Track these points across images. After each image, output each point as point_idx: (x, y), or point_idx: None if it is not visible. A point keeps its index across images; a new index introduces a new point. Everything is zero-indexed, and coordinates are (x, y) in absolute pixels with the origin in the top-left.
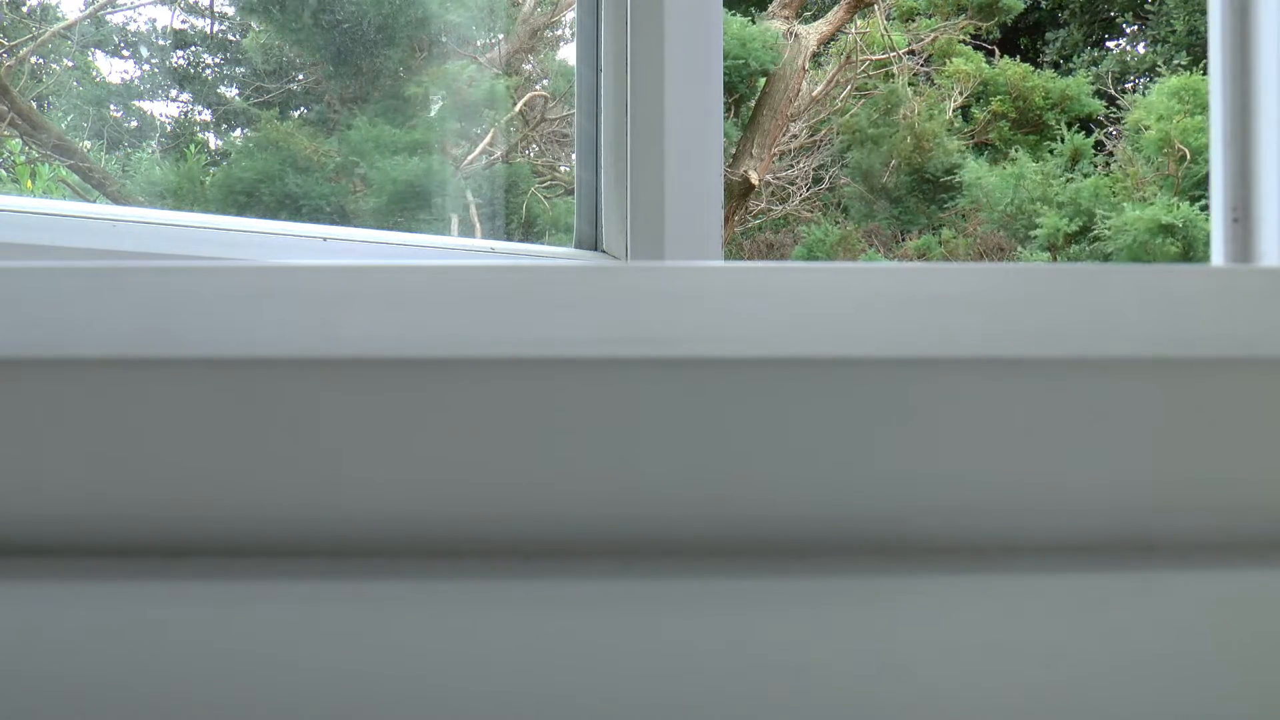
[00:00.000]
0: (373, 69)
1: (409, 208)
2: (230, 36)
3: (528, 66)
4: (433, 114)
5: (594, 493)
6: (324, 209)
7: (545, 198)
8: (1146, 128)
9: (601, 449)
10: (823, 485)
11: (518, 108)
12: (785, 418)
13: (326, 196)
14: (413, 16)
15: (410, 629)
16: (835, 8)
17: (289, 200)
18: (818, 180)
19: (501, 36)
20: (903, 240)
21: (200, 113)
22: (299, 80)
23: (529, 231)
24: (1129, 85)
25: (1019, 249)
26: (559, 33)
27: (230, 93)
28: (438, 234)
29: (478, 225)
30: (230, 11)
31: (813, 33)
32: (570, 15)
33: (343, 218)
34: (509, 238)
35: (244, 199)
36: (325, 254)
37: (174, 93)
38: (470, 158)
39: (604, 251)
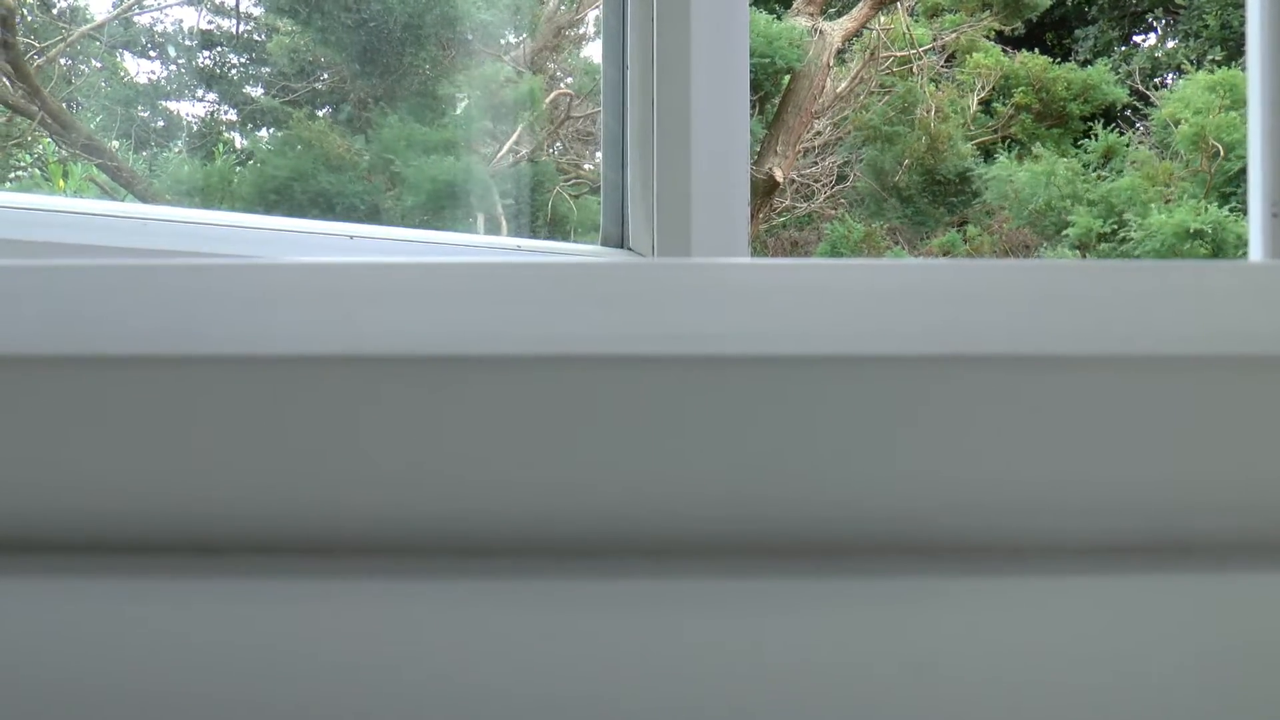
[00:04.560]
0: (400, 68)
1: (442, 207)
2: (256, 37)
3: (551, 65)
4: (462, 113)
5: (626, 491)
6: (357, 207)
7: (570, 195)
8: (1179, 122)
9: (633, 447)
10: (853, 484)
11: (544, 106)
12: (820, 415)
13: (359, 195)
14: (440, 16)
15: (438, 627)
16: (860, 4)
17: (321, 198)
18: (842, 178)
19: (526, 35)
20: (926, 239)
21: (226, 112)
22: (325, 80)
23: (554, 230)
24: (1158, 82)
25: (1046, 247)
26: (583, 31)
27: (256, 92)
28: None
29: (503, 223)
30: (257, 12)
31: (837, 29)
32: (594, 13)
33: (375, 216)
34: (534, 236)
35: (275, 197)
36: (353, 251)
37: (200, 92)
38: (498, 156)
39: (631, 249)
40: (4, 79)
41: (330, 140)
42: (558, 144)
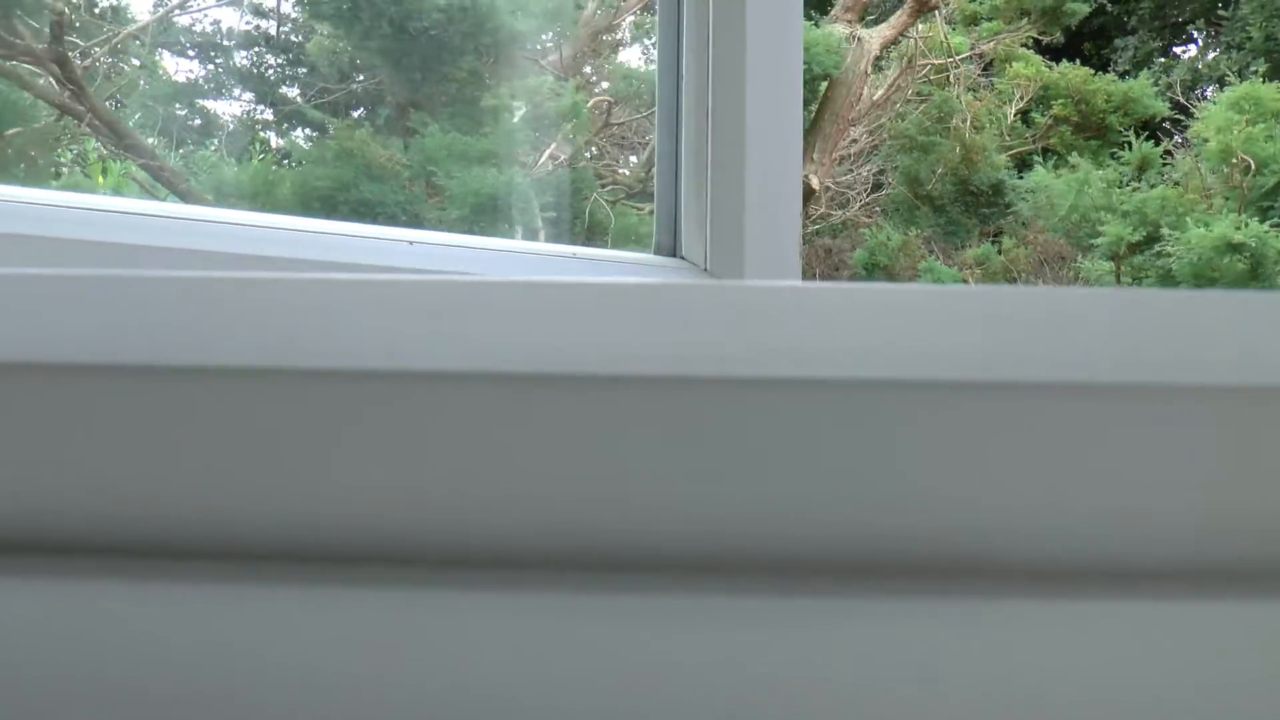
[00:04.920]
0: (440, 76)
1: (485, 218)
2: (293, 37)
3: (587, 69)
4: (504, 123)
5: (709, 507)
6: (399, 217)
7: (607, 201)
8: (1206, 140)
9: (710, 466)
10: (912, 506)
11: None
12: (900, 438)
13: (402, 204)
14: (482, 24)
15: (499, 639)
16: (898, 11)
17: (364, 207)
18: (878, 186)
19: (564, 41)
20: (960, 248)
21: (263, 112)
22: (361, 83)
23: (591, 236)
24: (1200, 94)
25: (1080, 258)
26: (618, 36)
27: (292, 92)
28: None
29: (541, 233)
30: (294, 14)
31: (875, 37)
32: (630, 19)
33: (418, 225)
34: (574, 243)
35: (319, 205)
36: (412, 258)
37: (238, 92)
38: (538, 164)
39: (683, 259)
40: (52, 80)
41: (372, 149)
42: (593, 149)
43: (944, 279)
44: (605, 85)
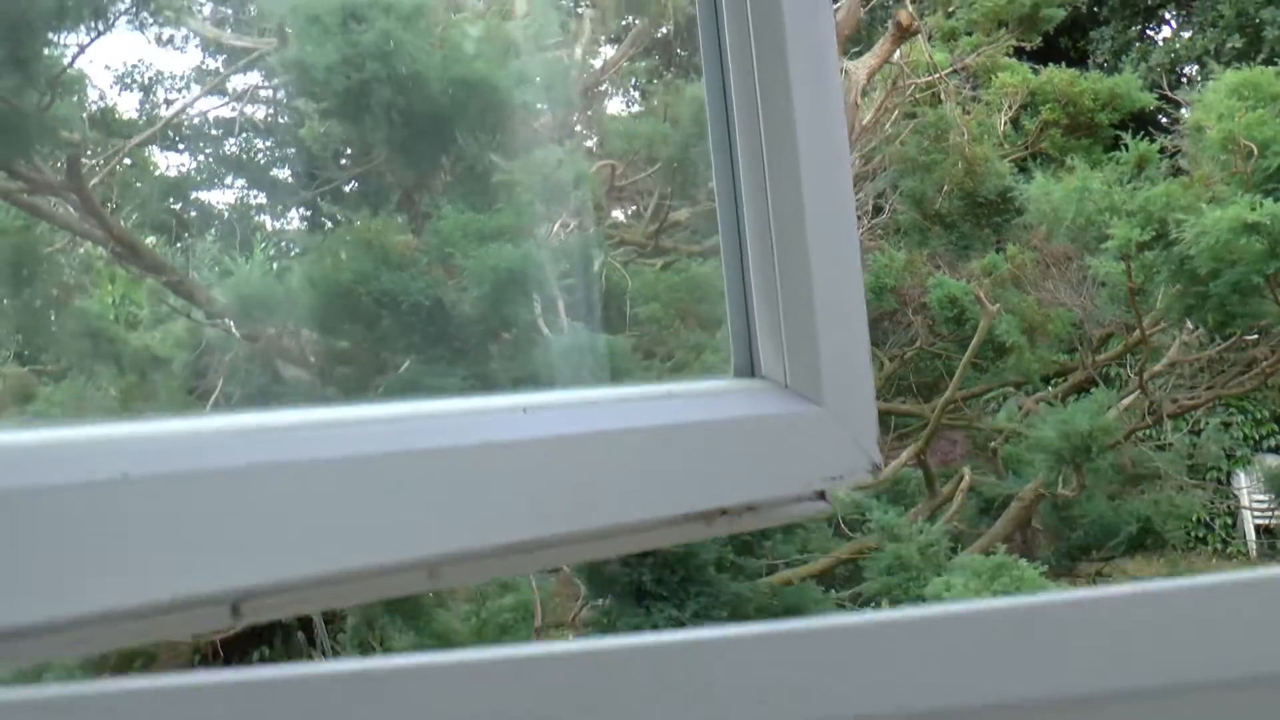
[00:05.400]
0: (450, 156)
1: (507, 294)
2: (281, 119)
3: (579, 128)
4: (517, 197)
5: None
6: (422, 304)
7: (620, 263)
8: (1207, 128)
9: None
10: None
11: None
12: None
13: (423, 291)
14: (486, 101)
15: None
16: (881, 40)
17: (387, 298)
18: (878, 210)
19: (563, 107)
20: (966, 261)
21: (255, 196)
22: (355, 168)
23: (609, 300)
24: (1181, 75)
25: (1089, 259)
26: (603, 88)
27: (283, 174)
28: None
29: (560, 305)
30: (280, 96)
31: (861, 67)
32: (615, 72)
33: (441, 310)
34: (592, 308)
35: (343, 301)
36: (528, 426)
37: (233, 181)
38: (551, 234)
39: (764, 378)
40: (72, 209)
41: (389, 238)
42: (600, 213)
43: (954, 292)
44: (594, 139)
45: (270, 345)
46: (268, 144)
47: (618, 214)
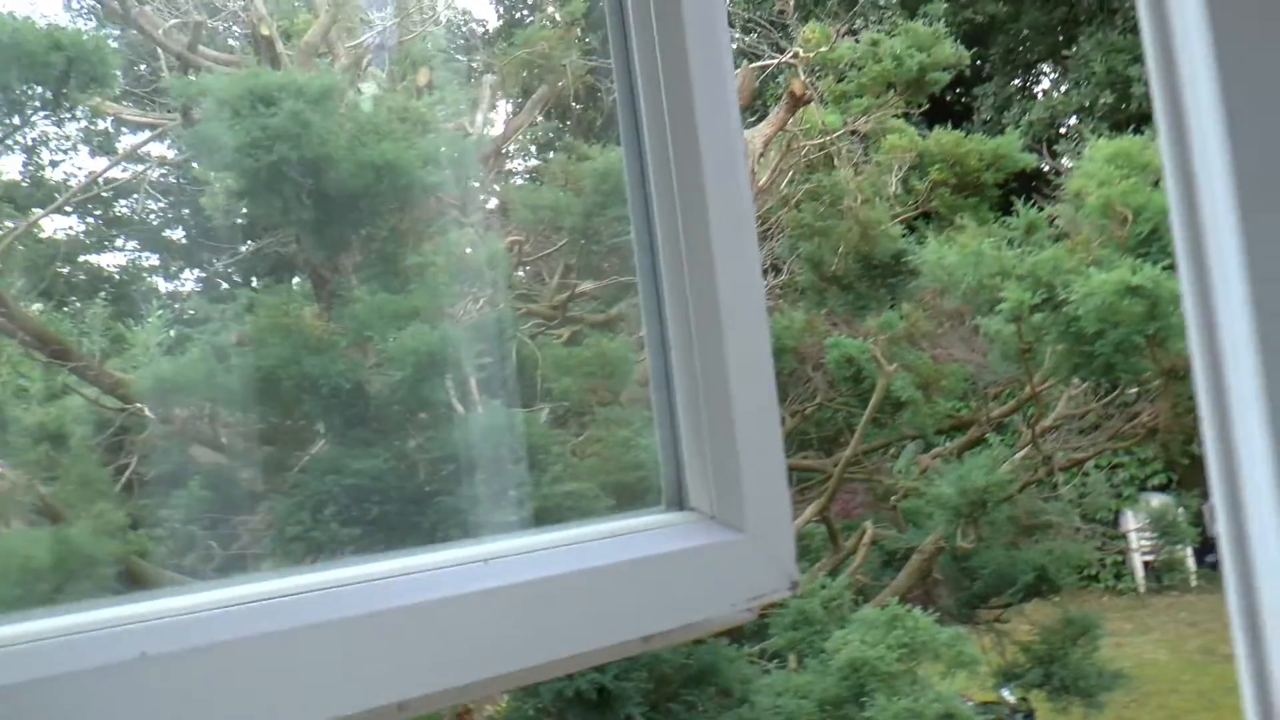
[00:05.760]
0: (362, 237)
1: (426, 376)
2: (173, 179)
3: (484, 196)
4: (431, 278)
5: None
6: (343, 386)
7: (528, 337)
8: (1086, 194)
9: None
10: None
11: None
12: None
13: (343, 374)
14: (396, 183)
15: None
16: (775, 109)
17: (307, 382)
18: (777, 270)
19: (469, 183)
20: (864, 319)
21: (147, 258)
22: (259, 241)
23: (523, 374)
24: (1061, 129)
25: (981, 318)
26: (506, 154)
27: (176, 235)
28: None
29: (474, 384)
30: (171, 155)
31: (757, 135)
32: (515, 143)
33: (360, 392)
34: (506, 382)
35: (264, 386)
36: (489, 576)
37: (120, 241)
38: (463, 312)
39: (693, 509)
40: None
41: (306, 323)
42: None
43: (851, 351)
44: (499, 210)
45: (185, 427)
46: (161, 205)
47: (524, 286)
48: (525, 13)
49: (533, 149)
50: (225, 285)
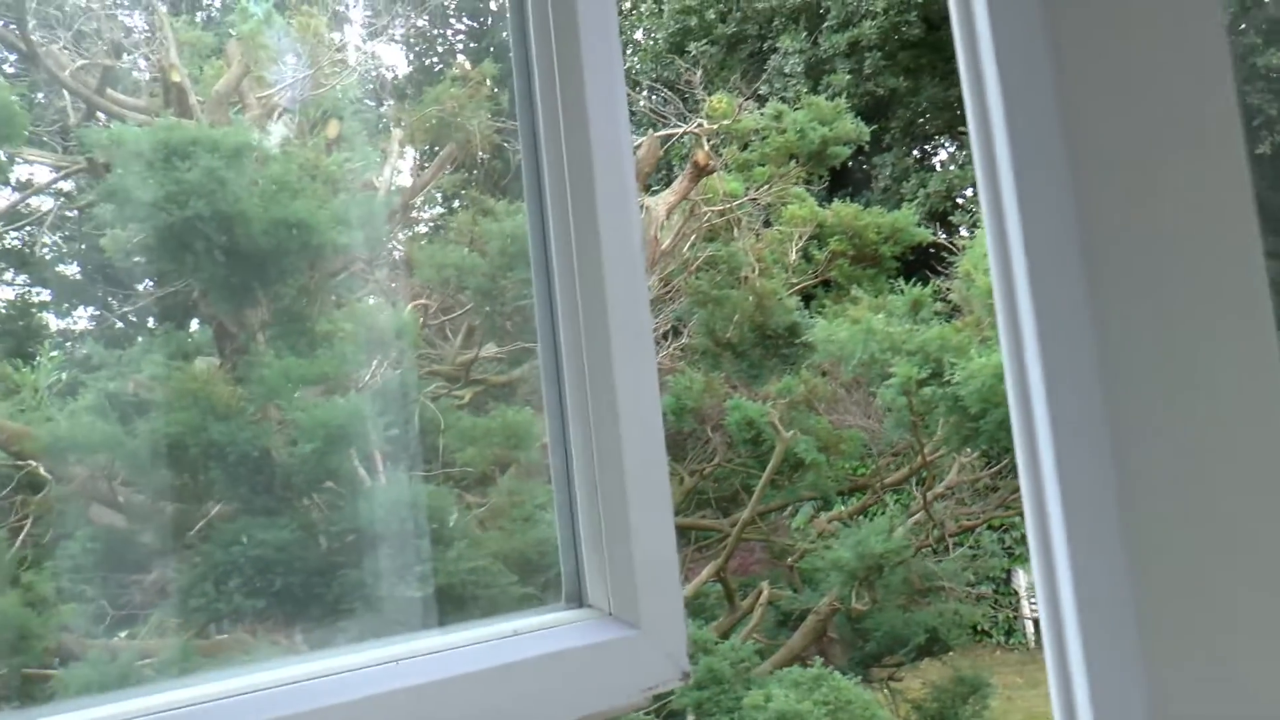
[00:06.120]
0: (270, 295)
1: (334, 449)
2: (67, 212)
3: (393, 252)
4: (339, 345)
5: None
6: (250, 455)
7: (429, 399)
8: (975, 276)
9: None
10: None
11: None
12: None
13: (251, 441)
14: (307, 243)
15: None
16: (679, 177)
17: (214, 449)
18: (678, 332)
19: (381, 244)
20: (761, 384)
21: (39, 294)
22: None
23: (425, 437)
24: (958, 200)
25: (875, 387)
26: (414, 214)
27: (70, 270)
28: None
29: (379, 457)
30: (67, 187)
31: (660, 203)
32: (422, 197)
33: (267, 461)
34: (409, 447)
35: (174, 452)
36: (400, 677)
37: (9, 275)
38: (367, 380)
39: (591, 606)
40: None
41: (214, 388)
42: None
43: (751, 414)
44: (406, 270)
45: (84, 488)
46: (55, 239)
47: (428, 344)
48: (435, 60)
49: (438, 196)
50: (120, 325)
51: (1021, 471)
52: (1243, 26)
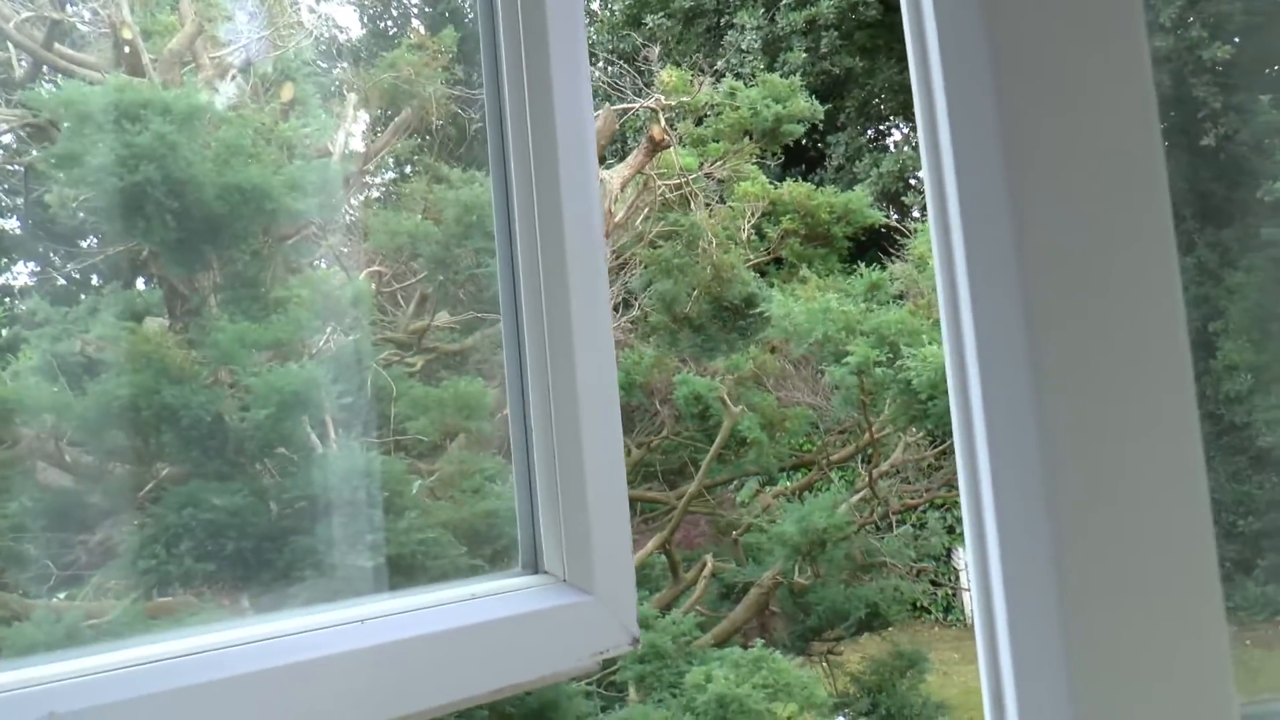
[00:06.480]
0: (223, 260)
1: (289, 416)
2: (8, 165)
3: (347, 217)
4: (294, 312)
5: None
6: (203, 419)
7: (381, 367)
8: (927, 263)
9: None
10: None
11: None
12: None
13: (204, 406)
14: (261, 207)
15: None
16: (634, 151)
17: (167, 412)
18: (628, 305)
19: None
20: (712, 359)
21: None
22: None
23: (377, 404)
24: (911, 181)
25: (825, 365)
26: (366, 180)
27: (9, 224)
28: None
29: (331, 425)
30: (8, 140)
31: (615, 176)
32: (382, 175)
33: (220, 426)
34: (362, 415)
35: (126, 415)
36: (365, 636)
37: None
38: (320, 346)
39: (547, 572)
40: None
41: (168, 352)
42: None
43: (699, 389)
44: (360, 236)
45: (30, 448)
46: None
47: (380, 311)
48: (390, 24)
49: (391, 161)
50: (63, 282)
51: (959, 453)
52: (1190, 19)
